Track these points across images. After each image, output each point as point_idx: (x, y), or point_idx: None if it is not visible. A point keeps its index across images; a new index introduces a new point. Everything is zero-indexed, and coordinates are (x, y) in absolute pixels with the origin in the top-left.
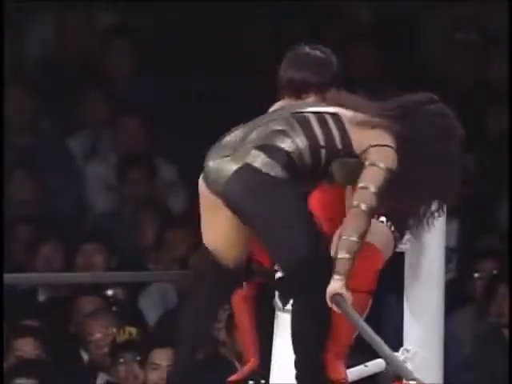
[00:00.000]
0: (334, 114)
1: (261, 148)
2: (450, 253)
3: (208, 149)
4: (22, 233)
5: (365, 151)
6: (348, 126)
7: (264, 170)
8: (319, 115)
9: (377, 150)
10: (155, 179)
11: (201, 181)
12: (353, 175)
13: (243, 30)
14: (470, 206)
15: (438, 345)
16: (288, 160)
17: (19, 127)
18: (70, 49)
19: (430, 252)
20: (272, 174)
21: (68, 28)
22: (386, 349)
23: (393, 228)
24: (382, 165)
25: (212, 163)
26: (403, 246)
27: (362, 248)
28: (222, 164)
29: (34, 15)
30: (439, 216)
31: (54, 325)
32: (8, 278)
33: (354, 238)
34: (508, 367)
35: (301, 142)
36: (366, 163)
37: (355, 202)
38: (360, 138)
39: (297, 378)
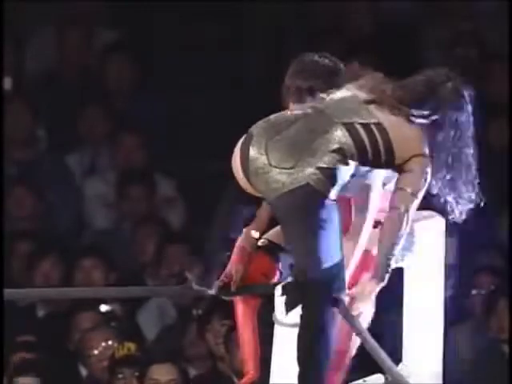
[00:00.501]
0: (378, 124)
1: (321, 169)
2: (449, 269)
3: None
4: (21, 248)
5: (406, 161)
6: (391, 135)
7: (322, 189)
8: (366, 126)
9: (417, 161)
10: (154, 195)
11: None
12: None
13: (243, 45)
14: (469, 222)
15: (437, 361)
16: (337, 177)
17: (18, 142)
18: (69, 64)
19: (428, 268)
20: (326, 193)
21: (68, 43)
22: (388, 361)
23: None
24: (419, 173)
25: (263, 161)
26: (403, 263)
27: (366, 258)
28: (275, 176)
29: (34, 30)
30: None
31: (52, 340)
32: (7, 293)
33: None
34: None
35: (354, 159)
36: (406, 169)
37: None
38: (402, 150)
39: None
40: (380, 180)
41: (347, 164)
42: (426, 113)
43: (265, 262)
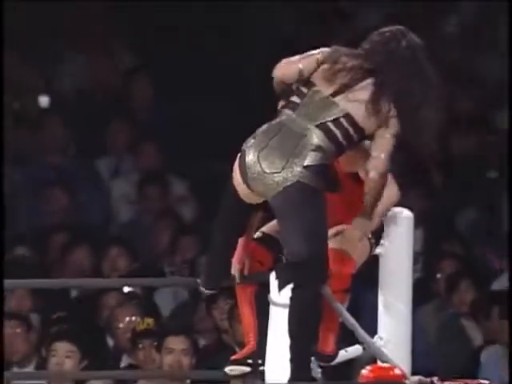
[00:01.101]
0: (346, 115)
1: (307, 167)
2: (416, 256)
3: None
4: (57, 240)
5: (375, 131)
6: (358, 119)
7: (310, 184)
8: (336, 121)
9: (384, 131)
10: (169, 194)
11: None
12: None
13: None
14: (434, 216)
15: (406, 333)
16: (325, 172)
17: (55, 150)
18: (97, 84)
19: (399, 255)
20: (314, 186)
21: (96, 67)
22: (365, 335)
23: (369, 235)
24: (388, 135)
25: (255, 169)
26: (378, 250)
27: (336, 255)
28: (271, 178)
29: (68, 56)
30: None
31: (84, 316)
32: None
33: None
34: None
35: (331, 152)
36: (376, 136)
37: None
38: (370, 125)
39: (290, 360)
40: None
41: (328, 158)
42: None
43: (260, 251)
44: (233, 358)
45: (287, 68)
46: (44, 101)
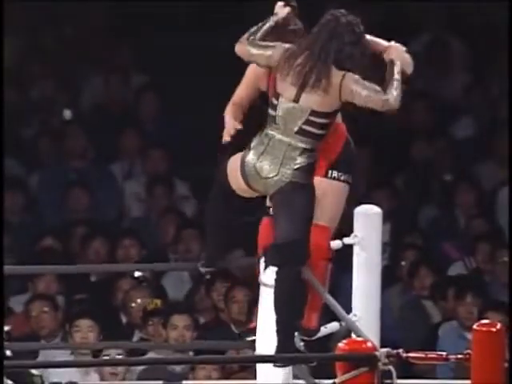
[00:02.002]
0: (313, 112)
1: (298, 169)
2: (384, 246)
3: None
4: (78, 232)
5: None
6: (322, 108)
7: (302, 181)
8: (309, 122)
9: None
10: (173, 193)
11: (236, 167)
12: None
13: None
14: (398, 213)
15: (376, 311)
16: (311, 169)
17: (77, 156)
18: (112, 100)
19: (370, 245)
20: (303, 182)
21: (112, 85)
22: (342, 312)
23: (343, 177)
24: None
25: (255, 173)
26: (352, 240)
27: (312, 230)
28: (269, 182)
29: (87, 76)
30: None
31: (101, 298)
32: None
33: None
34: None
35: (315, 146)
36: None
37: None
38: (331, 102)
39: (276, 331)
40: None
41: (314, 154)
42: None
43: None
44: (251, 326)
45: (242, 50)
46: (67, 114)
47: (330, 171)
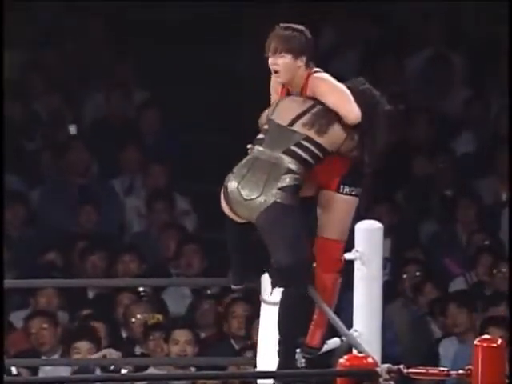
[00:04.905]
0: (306, 138)
1: (282, 189)
2: (385, 261)
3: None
4: (80, 246)
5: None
6: (319, 139)
7: (286, 203)
8: (299, 145)
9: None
10: (174, 208)
11: (223, 199)
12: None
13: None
14: (399, 228)
15: (377, 327)
16: (295, 191)
17: (79, 171)
18: (114, 116)
19: (371, 261)
20: (288, 203)
21: (113, 101)
22: (343, 328)
23: (354, 192)
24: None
25: (238, 197)
26: (353, 255)
27: (322, 244)
28: (253, 203)
29: (90, 92)
30: None
31: (102, 313)
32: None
33: None
34: None
35: (302, 171)
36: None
37: None
38: (332, 145)
39: (278, 348)
40: None
41: (300, 178)
42: None
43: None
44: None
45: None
46: (73, 129)
47: (341, 186)
